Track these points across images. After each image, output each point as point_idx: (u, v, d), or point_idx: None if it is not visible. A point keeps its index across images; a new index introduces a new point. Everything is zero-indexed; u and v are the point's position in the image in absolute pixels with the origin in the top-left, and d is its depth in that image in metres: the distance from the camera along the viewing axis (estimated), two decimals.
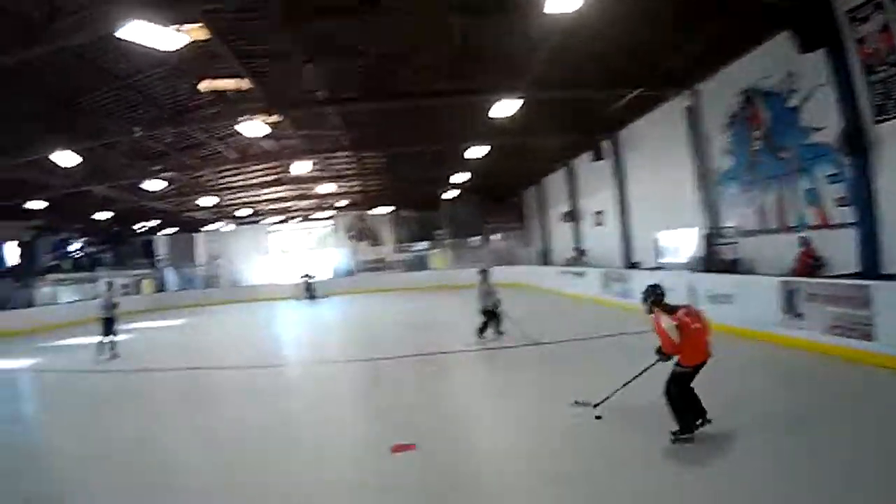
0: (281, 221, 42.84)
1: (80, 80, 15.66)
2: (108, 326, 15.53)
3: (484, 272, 13.80)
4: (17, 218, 30.92)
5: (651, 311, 6.36)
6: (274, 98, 16.78)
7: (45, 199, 26.67)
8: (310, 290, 33.92)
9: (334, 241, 42.60)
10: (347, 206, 40.56)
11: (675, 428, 6.18)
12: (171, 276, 40.91)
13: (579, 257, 26.17)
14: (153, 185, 24.98)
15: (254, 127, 17.26)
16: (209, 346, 17.77)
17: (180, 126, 19.29)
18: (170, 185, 27.35)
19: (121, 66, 15.15)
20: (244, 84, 16.01)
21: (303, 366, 13.38)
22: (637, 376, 6.92)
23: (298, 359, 14.63)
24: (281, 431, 7.78)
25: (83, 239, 39.68)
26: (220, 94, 17.06)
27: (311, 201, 38.16)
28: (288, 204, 38.73)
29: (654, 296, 6.35)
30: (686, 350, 6.15)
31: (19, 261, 34.56)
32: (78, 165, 19.10)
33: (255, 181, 31.48)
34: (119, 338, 16.03)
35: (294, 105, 18.10)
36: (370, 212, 40.96)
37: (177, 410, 9.63)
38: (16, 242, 34.64)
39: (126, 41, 10.64)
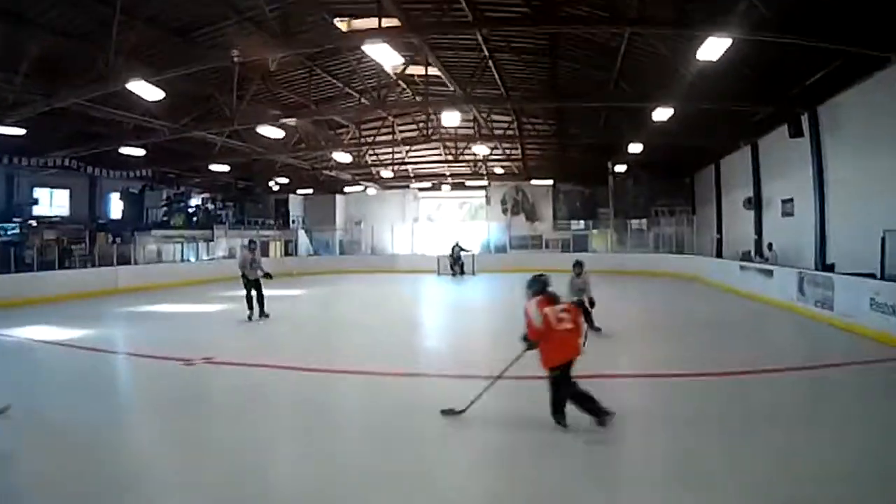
0: (431, 188, 45.16)
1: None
2: (252, 289, 17.11)
3: (579, 264, 14.33)
4: (124, 167, 32.73)
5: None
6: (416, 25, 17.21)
7: (146, 147, 28.36)
8: (457, 264, 35.51)
9: (487, 213, 44.71)
10: (503, 175, 42.53)
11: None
12: (303, 238, 43.88)
13: (764, 252, 25.77)
14: (273, 132, 26.15)
15: (384, 53, 16.77)
16: (322, 331, 16.91)
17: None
18: (299, 137, 30.62)
19: None
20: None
21: (446, 378, 10.64)
22: (505, 370, 7.87)
23: (440, 365, 11.99)
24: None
25: (203, 194, 42.41)
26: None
27: (464, 166, 40.94)
28: (437, 167, 41.73)
29: (540, 284, 7.68)
30: (545, 348, 7.30)
31: (123, 214, 36.47)
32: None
33: (399, 136, 34.58)
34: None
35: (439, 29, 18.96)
36: (528, 183, 42.79)
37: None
38: (117, 194, 36.56)
39: None
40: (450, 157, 38.93)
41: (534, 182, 42.22)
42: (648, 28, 17.07)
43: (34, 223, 30.68)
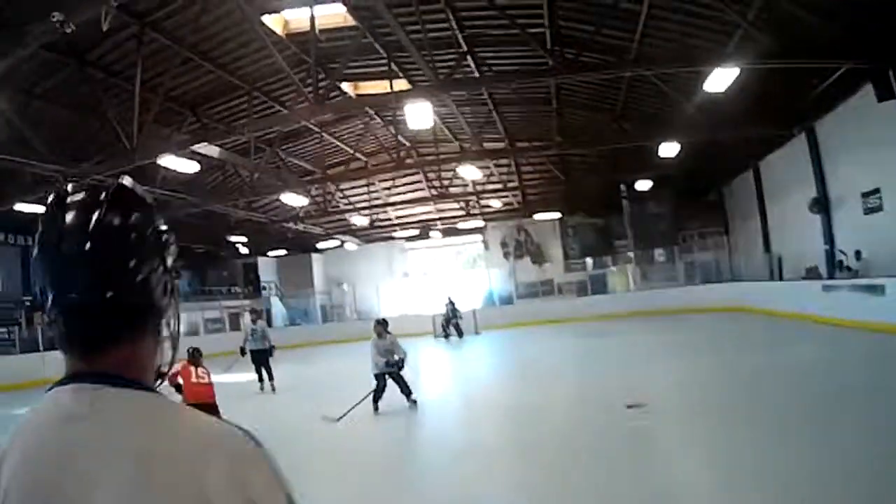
0: (418, 236, 41.22)
1: None
2: (260, 363, 17.02)
3: (382, 323, 12.96)
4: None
5: None
6: None
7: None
8: (450, 324, 30.11)
9: (486, 259, 40.81)
10: (501, 211, 38.63)
11: None
12: (278, 307, 40.37)
13: (846, 262, 20.24)
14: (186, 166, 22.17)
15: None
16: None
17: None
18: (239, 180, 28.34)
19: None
20: None
21: None
22: None
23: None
24: None
25: None
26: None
27: (452, 202, 36.88)
28: (422, 209, 38.11)
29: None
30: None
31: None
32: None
33: (369, 165, 31.49)
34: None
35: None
36: (531, 219, 38.25)
37: None
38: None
39: None
40: (434, 191, 34.35)
41: (537, 217, 37.39)
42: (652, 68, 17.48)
43: None
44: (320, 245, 41.05)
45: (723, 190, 34.58)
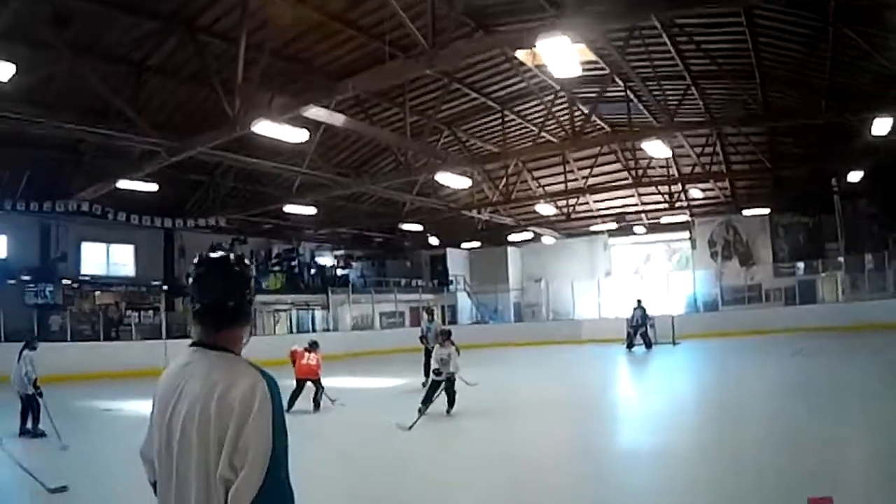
0: (618, 230, 38.68)
1: None
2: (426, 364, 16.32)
3: (445, 333, 14.06)
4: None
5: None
6: None
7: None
8: (638, 331, 27.33)
9: (693, 259, 38.09)
10: (707, 205, 36.63)
11: None
12: (465, 302, 39.73)
13: None
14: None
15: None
16: None
17: None
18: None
19: None
20: None
21: None
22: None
23: None
24: None
25: (337, 251, 39.59)
26: None
27: (653, 191, 34.16)
28: (623, 197, 36.35)
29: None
30: None
31: None
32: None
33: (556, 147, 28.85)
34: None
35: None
36: (740, 216, 35.73)
37: None
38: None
39: None
40: (632, 176, 31.51)
41: (746, 213, 34.71)
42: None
43: (74, 283, 26.76)
44: (512, 237, 39.10)
45: None
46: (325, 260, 38.40)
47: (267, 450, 2.08)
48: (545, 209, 33.11)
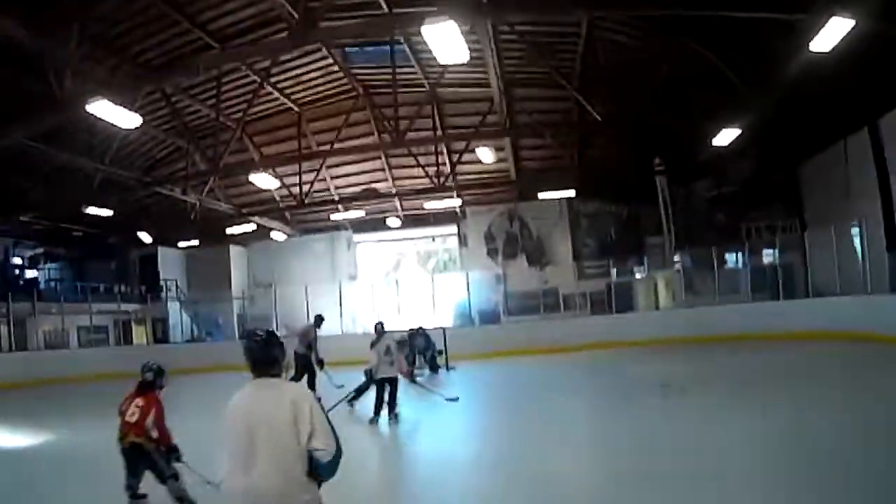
0: (366, 221, 34.36)
1: None
2: (312, 378, 15.51)
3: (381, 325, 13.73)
4: None
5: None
6: None
7: None
8: (422, 357, 21.35)
9: (462, 259, 34.17)
10: (485, 186, 31.97)
11: None
12: (178, 315, 33.33)
13: None
14: None
15: None
16: None
17: None
18: None
19: None
20: None
21: None
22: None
23: None
24: None
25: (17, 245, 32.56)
26: None
27: (418, 171, 29.28)
28: (372, 171, 32.16)
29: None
30: None
31: None
32: None
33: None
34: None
35: None
36: (530, 203, 31.51)
37: None
38: None
39: None
40: (386, 133, 26.21)
41: (539, 198, 29.66)
42: None
43: None
44: (232, 231, 32.88)
45: (797, 171, 26.88)
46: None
47: (329, 426, 3.93)
48: (264, 181, 25.92)
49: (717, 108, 20.00)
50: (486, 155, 21.01)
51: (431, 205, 30.81)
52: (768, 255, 26.30)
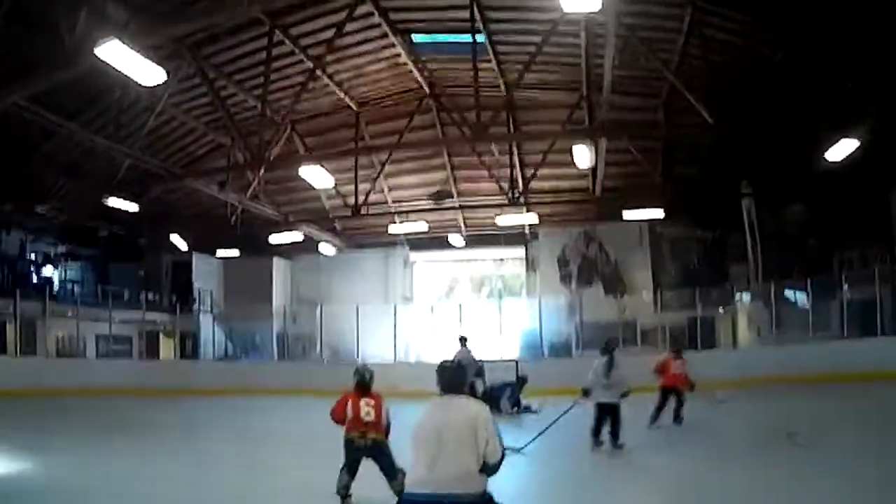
0: (426, 235, 32.32)
1: None
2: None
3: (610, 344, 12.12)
4: None
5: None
6: None
7: None
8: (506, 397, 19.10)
9: (529, 283, 33.01)
10: (560, 202, 30.30)
11: None
12: (211, 330, 32.03)
13: None
14: None
15: None
16: None
17: None
18: None
19: None
20: None
21: None
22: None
23: None
24: None
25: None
26: None
27: (489, 185, 28.63)
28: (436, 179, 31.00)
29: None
30: None
31: None
32: None
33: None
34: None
35: None
36: (606, 224, 30.30)
37: None
38: None
39: None
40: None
41: (624, 219, 27.27)
42: None
43: None
44: (276, 239, 30.59)
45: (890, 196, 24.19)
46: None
47: (499, 436, 4.65)
48: (316, 177, 23.35)
49: (829, 117, 18.87)
50: (582, 156, 18.67)
51: (503, 219, 28.40)
52: (862, 289, 23.52)
